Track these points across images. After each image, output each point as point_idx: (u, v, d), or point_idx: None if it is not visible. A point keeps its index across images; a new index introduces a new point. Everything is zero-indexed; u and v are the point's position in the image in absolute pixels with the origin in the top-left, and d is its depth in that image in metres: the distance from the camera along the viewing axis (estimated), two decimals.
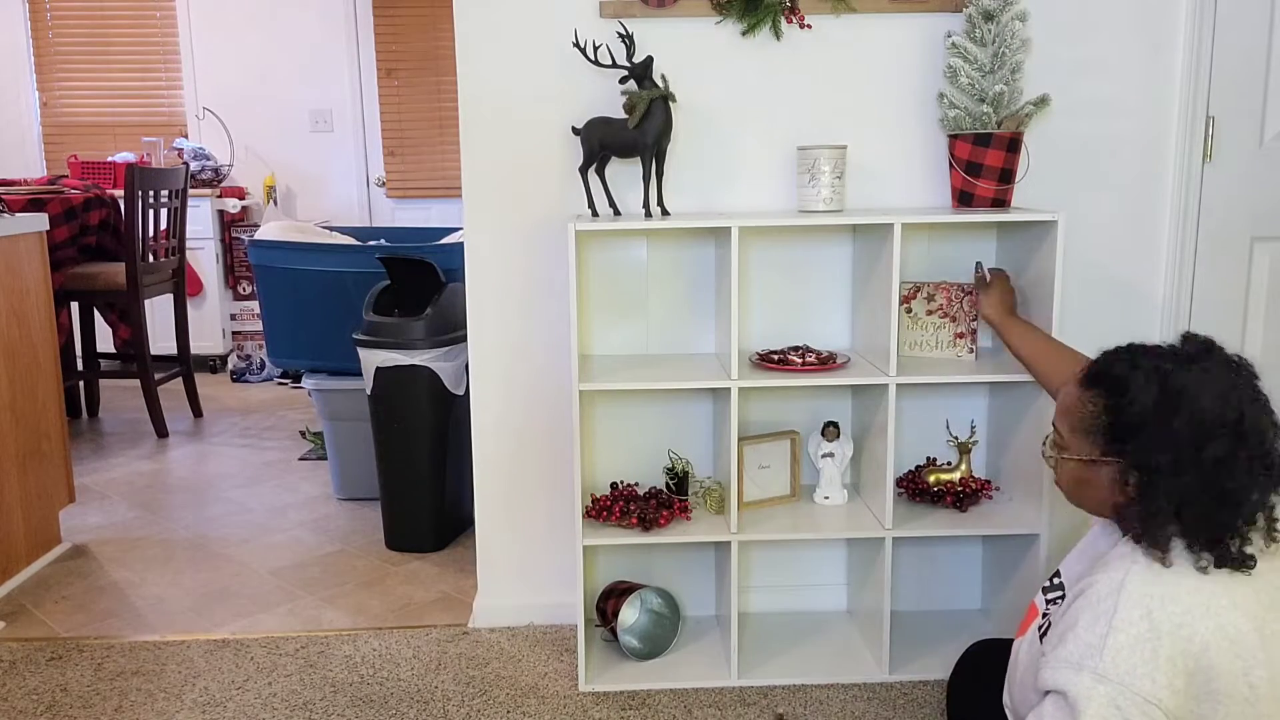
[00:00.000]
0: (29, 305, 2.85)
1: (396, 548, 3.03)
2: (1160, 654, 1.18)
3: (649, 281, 2.40)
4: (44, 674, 2.33)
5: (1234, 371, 1.28)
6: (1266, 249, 2.47)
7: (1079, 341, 2.49)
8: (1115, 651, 1.18)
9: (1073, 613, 1.27)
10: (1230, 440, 1.23)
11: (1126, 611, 1.20)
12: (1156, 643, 1.18)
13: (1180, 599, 1.20)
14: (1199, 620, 1.19)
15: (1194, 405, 1.24)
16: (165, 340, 4.87)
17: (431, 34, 5.71)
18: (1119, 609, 1.21)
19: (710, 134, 2.35)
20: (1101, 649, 1.19)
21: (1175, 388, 1.25)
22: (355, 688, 2.25)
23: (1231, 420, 1.23)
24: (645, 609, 2.42)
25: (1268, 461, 1.24)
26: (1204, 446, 1.23)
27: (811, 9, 2.29)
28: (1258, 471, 1.23)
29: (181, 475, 3.79)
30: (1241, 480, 1.23)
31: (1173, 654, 1.18)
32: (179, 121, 5.81)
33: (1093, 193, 2.42)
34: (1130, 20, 2.35)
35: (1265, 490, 1.25)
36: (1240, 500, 1.23)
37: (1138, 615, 1.20)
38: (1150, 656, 1.18)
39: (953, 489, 2.31)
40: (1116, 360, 1.35)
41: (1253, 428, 1.24)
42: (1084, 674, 1.19)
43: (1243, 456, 1.23)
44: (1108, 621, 1.20)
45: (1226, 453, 1.22)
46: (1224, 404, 1.24)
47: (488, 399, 2.46)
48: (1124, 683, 1.17)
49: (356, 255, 3.46)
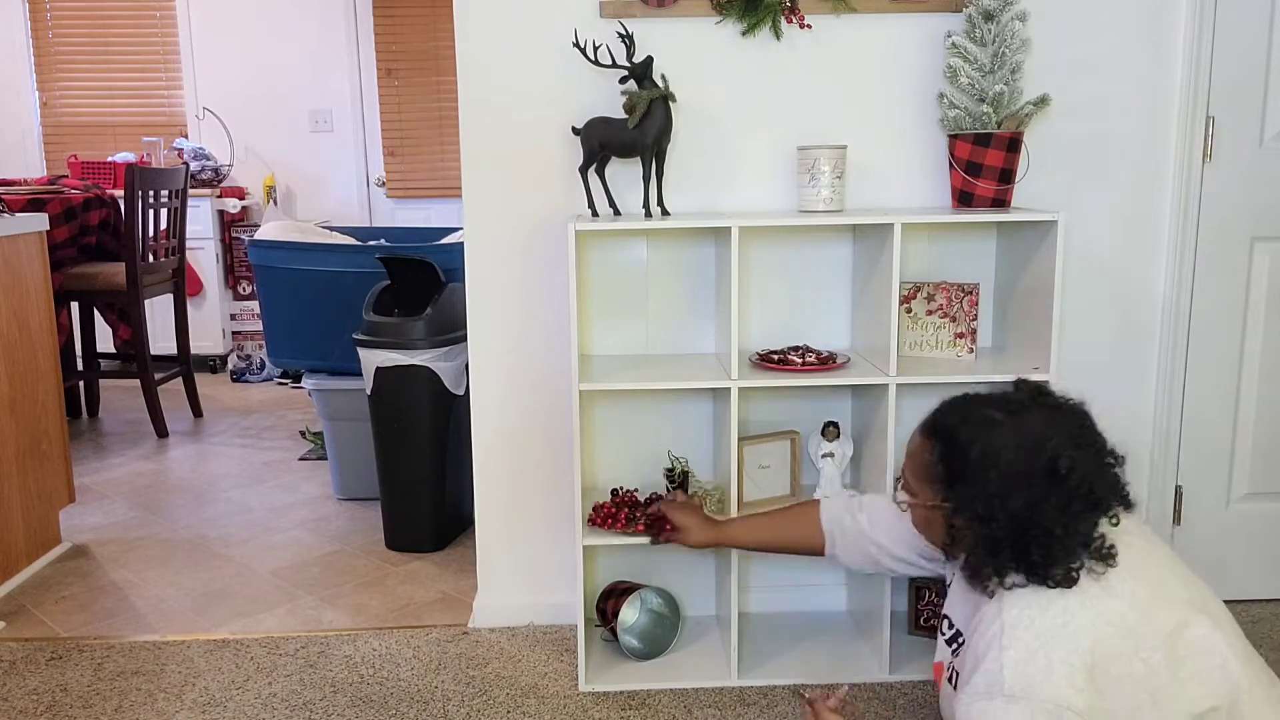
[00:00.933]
0: (29, 305, 2.85)
1: (396, 548, 3.03)
2: (1054, 658, 1.23)
3: (649, 281, 2.40)
4: (44, 674, 2.33)
5: (1051, 421, 1.37)
6: (1266, 249, 2.47)
7: (1079, 341, 2.49)
8: (1013, 668, 1.24)
9: (972, 651, 1.33)
10: (1040, 487, 1.31)
11: (1012, 630, 1.27)
12: (1047, 648, 1.24)
13: (1055, 600, 1.27)
14: (1077, 615, 1.26)
15: (1000, 459, 1.33)
16: (165, 340, 4.87)
17: (431, 34, 5.71)
18: (1004, 629, 1.27)
19: (710, 134, 2.35)
20: (1001, 671, 1.24)
21: (992, 443, 1.35)
22: (355, 688, 2.25)
23: (1040, 469, 1.31)
24: (645, 609, 2.42)
25: (1091, 499, 1.32)
26: (1009, 495, 1.31)
27: (811, 9, 2.29)
28: (1077, 509, 1.31)
29: (181, 475, 3.80)
30: (1052, 520, 1.29)
31: (1065, 653, 1.23)
32: (179, 121, 5.81)
33: (1093, 192, 2.42)
34: (1130, 20, 2.35)
35: (1087, 522, 1.31)
36: (1051, 538, 1.29)
37: (1022, 629, 1.26)
38: (1045, 664, 1.23)
39: None
40: (951, 411, 1.46)
41: (1069, 470, 1.31)
42: (994, 700, 1.24)
43: (1053, 500, 1.30)
44: (999, 644, 1.27)
45: (1032, 499, 1.30)
46: (1033, 455, 1.32)
47: (488, 399, 2.46)
48: (1030, 696, 1.22)
49: (356, 255, 3.46)
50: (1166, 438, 2.52)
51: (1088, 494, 1.32)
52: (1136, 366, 2.51)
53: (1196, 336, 2.49)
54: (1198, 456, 2.55)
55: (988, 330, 2.43)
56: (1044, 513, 1.30)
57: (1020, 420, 1.37)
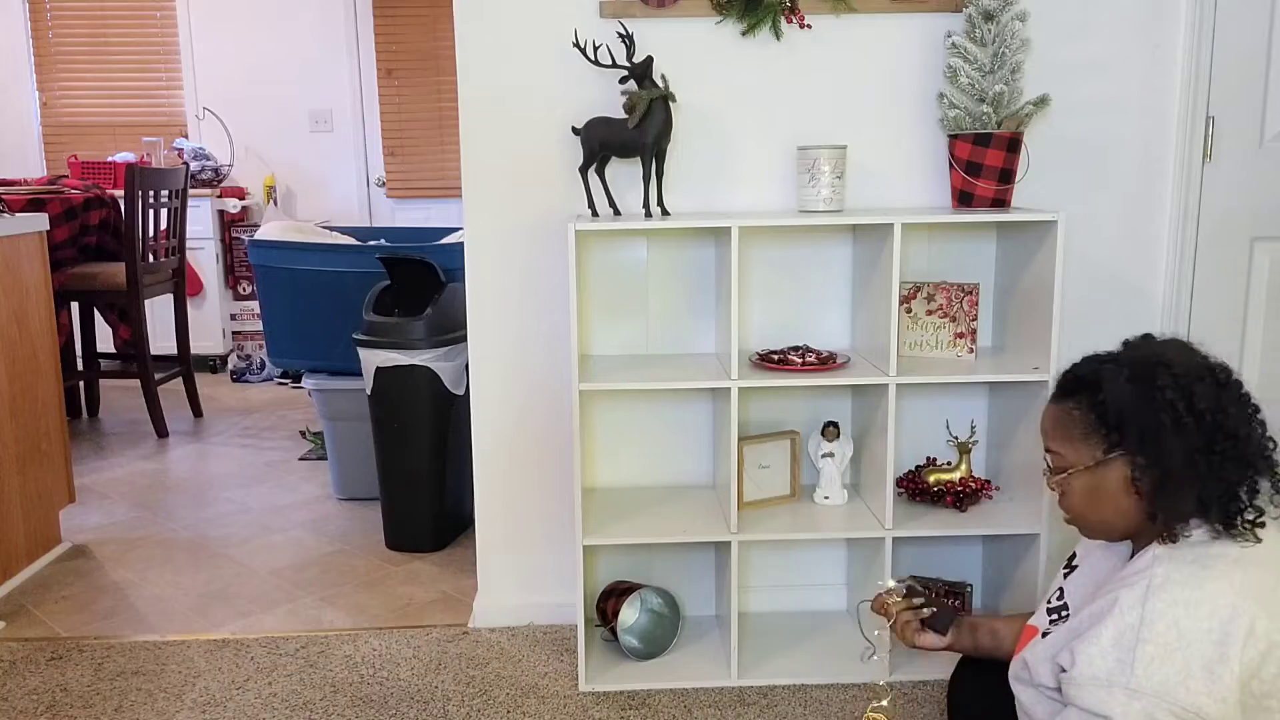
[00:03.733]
0: (29, 305, 2.85)
1: (396, 548, 3.03)
2: (1193, 661, 1.16)
3: (649, 281, 2.40)
4: (44, 674, 2.33)
5: (1178, 342, 1.36)
6: (1266, 249, 2.47)
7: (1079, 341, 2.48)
8: (1146, 664, 1.17)
9: (1094, 631, 1.26)
10: (1213, 385, 1.27)
11: (1153, 623, 1.20)
12: (1188, 650, 1.17)
13: (1204, 603, 1.19)
14: (1229, 623, 1.18)
15: (1167, 366, 1.29)
16: (165, 340, 4.86)
17: (431, 34, 5.71)
18: (1144, 621, 1.20)
19: (710, 134, 2.35)
20: (1132, 664, 1.18)
21: (1143, 359, 1.31)
22: (355, 688, 2.25)
23: (1206, 368, 1.29)
24: (645, 609, 2.42)
25: (1252, 405, 1.28)
26: (1192, 396, 1.26)
27: (811, 9, 2.29)
28: (1249, 412, 1.27)
29: (181, 475, 3.79)
30: (1239, 420, 1.26)
31: (1208, 660, 1.16)
32: (179, 121, 5.81)
33: (1093, 192, 2.42)
34: (1130, 20, 2.35)
35: (1263, 436, 1.27)
36: (1244, 442, 1.25)
37: (1164, 626, 1.19)
38: (1183, 664, 1.16)
39: (953, 489, 2.31)
40: (1078, 368, 1.41)
41: (1224, 374, 1.29)
42: (1115, 691, 1.19)
43: (1229, 399, 1.27)
44: (1135, 634, 1.20)
45: (1214, 397, 1.26)
46: (1190, 356, 1.30)
47: (488, 399, 2.46)
48: (1159, 694, 1.16)
49: (356, 255, 3.46)
50: None
51: (1247, 398, 1.27)
52: None
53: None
54: None
55: (988, 330, 2.43)
56: (1226, 411, 1.25)
57: (1152, 347, 1.35)
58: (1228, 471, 1.24)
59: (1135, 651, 1.18)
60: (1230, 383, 1.28)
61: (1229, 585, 1.20)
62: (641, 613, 2.42)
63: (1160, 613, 1.20)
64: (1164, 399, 1.27)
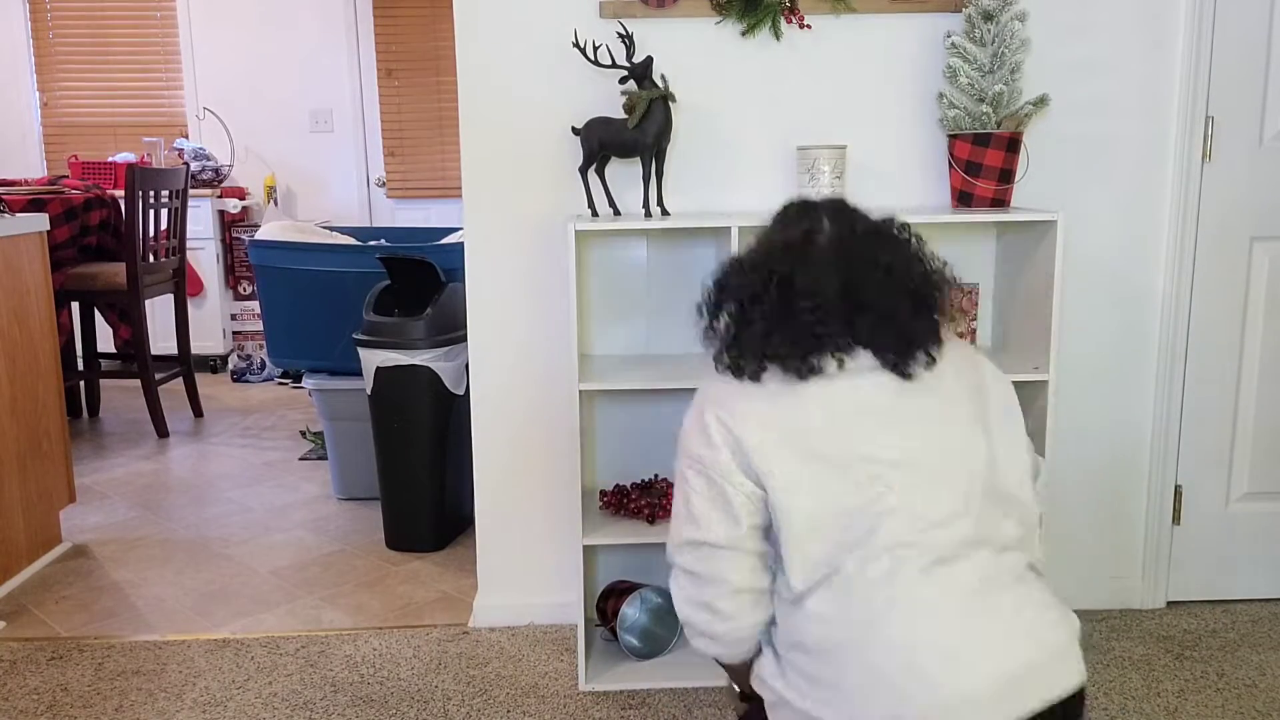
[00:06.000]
0: (29, 305, 2.85)
1: (396, 548, 3.03)
2: (710, 435, 1.32)
3: (649, 281, 2.41)
4: (44, 674, 2.33)
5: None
6: (1266, 249, 2.47)
7: (1079, 341, 2.49)
8: (685, 436, 1.37)
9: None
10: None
11: (694, 411, 1.37)
12: (705, 429, 1.33)
13: (726, 403, 1.33)
14: (737, 425, 1.31)
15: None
16: (165, 340, 4.86)
17: (431, 34, 5.71)
18: (691, 409, 1.38)
19: (710, 134, 2.35)
20: (681, 437, 1.37)
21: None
22: (355, 687, 2.25)
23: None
24: (645, 608, 2.42)
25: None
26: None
27: (811, 9, 2.29)
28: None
29: (181, 475, 3.80)
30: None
31: (718, 440, 1.31)
32: (179, 121, 5.81)
33: (1093, 193, 2.42)
34: (1130, 20, 2.35)
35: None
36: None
37: (694, 411, 1.37)
38: (700, 432, 1.33)
39: None
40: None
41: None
42: (679, 460, 1.37)
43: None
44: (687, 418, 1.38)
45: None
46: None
47: (488, 399, 2.46)
48: (687, 452, 1.35)
49: (356, 255, 3.46)
50: (1166, 437, 2.52)
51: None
52: (1136, 366, 2.51)
53: (1196, 336, 2.49)
54: (1197, 456, 2.55)
55: (987, 330, 2.43)
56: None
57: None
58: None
59: (683, 427, 1.37)
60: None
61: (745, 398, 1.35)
62: (642, 612, 2.42)
63: (699, 404, 1.37)
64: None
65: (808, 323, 1.29)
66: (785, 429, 1.28)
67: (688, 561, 1.33)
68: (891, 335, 1.30)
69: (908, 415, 1.29)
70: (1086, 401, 2.51)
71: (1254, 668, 2.31)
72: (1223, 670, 2.30)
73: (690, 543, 1.33)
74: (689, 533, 1.33)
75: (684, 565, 1.34)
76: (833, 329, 1.29)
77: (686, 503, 1.33)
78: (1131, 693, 2.21)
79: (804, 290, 1.30)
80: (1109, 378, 2.51)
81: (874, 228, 1.39)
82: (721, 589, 1.31)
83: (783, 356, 1.29)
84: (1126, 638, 2.45)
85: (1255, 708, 2.16)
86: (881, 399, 1.29)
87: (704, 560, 1.31)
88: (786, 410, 1.29)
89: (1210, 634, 2.46)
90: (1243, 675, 2.28)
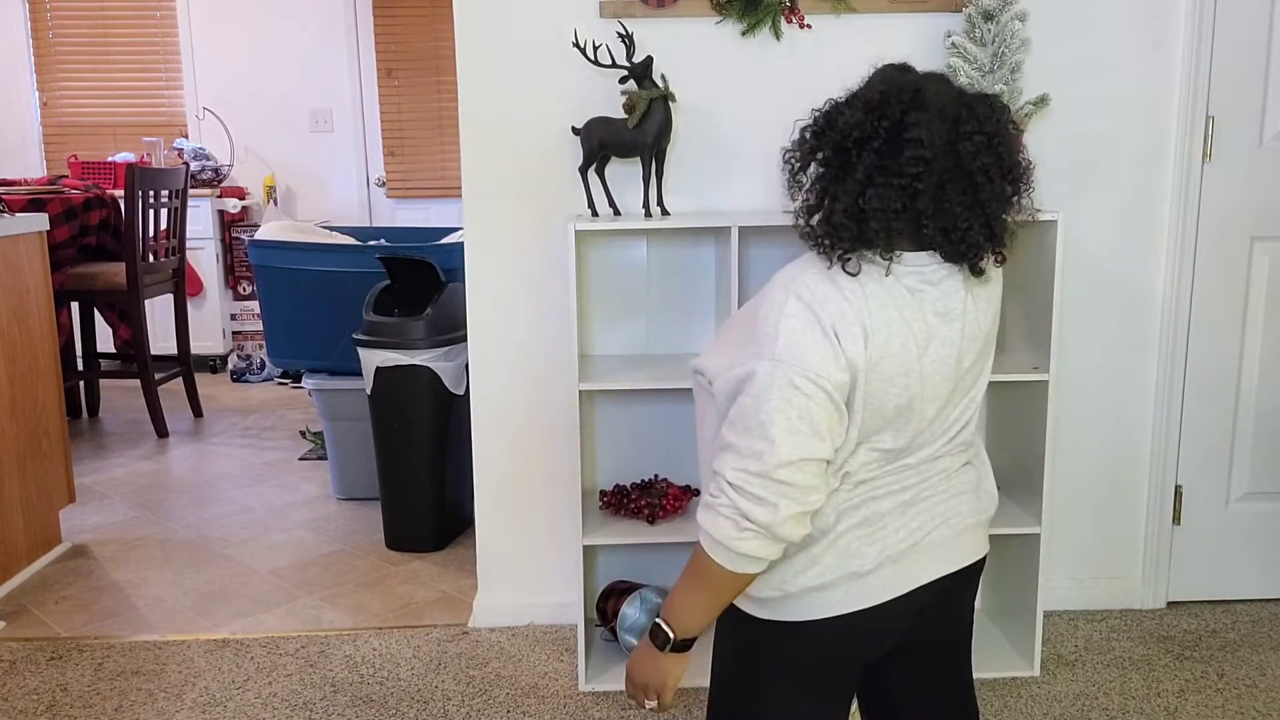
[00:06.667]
0: (29, 305, 2.85)
1: (396, 548, 3.03)
2: (820, 340, 1.23)
3: (649, 281, 2.40)
4: (44, 674, 2.33)
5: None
6: (1266, 249, 2.47)
7: (1079, 341, 2.49)
8: (788, 335, 1.24)
9: (745, 327, 1.32)
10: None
11: (794, 305, 1.26)
12: (818, 327, 1.24)
13: (834, 299, 1.25)
14: (852, 319, 1.24)
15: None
16: (165, 340, 4.86)
17: (431, 34, 5.71)
18: (788, 302, 1.26)
19: (710, 134, 2.35)
20: (776, 337, 1.24)
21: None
22: (355, 687, 2.25)
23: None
24: (645, 608, 2.42)
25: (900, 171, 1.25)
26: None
27: (811, 9, 2.29)
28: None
29: (181, 475, 3.80)
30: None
31: (834, 343, 1.24)
32: (179, 121, 5.81)
33: (1093, 192, 2.42)
34: (1130, 20, 2.35)
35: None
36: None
37: (800, 308, 1.25)
38: (815, 338, 1.23)
39: None
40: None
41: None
42: (763, 361, 1.24)
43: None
44: (780, 312, 1.26)
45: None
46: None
47: (488, 399, 2.46)
48: (795, 361, 1.23)
49: (356, 255, 3.46)
50: (1166, 437, 2.52)
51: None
52: (1136, 366, 2.51)
53: (1196, 336, 2.49)
54: (1197, 456, 2.55)
55: None
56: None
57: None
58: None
59: (779, 325, 1.25)
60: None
61: (858, 291, 1.27)
62: (642, 612, 2.42)
63: (799, 299, 1.26)
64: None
65: (909, 176, 1.21)
66: (890, 345, 1.25)
67: (796, 477, 1.23)
68: (980, 217, 1.25)
69: (975, 332, 1.35)
70: (1086, 401, 2.51)
71: (1254, 668, 2.31)
72: (1223, 670, 2.30)
73: (807, 459, 1.23)
74: (814, 448, 1.23)
75: (790, 480, 1.23)
76: (924, 194, 1.22)
77: (808, 418, 1.22)
78: (1132, 693, 2.21)
79: (914, 138, 1.22)
80: (1109, 378, 2.51)
81: (981, 95, 1.30)
82: (813, 498, 1.26)
83: (866, 217, 1.23)
84: (1127, 638, 2.45)
85: (1255, 708, 2.16)
86: (957, 307, 1.32)
87: (815, 474, 1.25)
88: (891, 321, 1.26)
89: (1210, 634, 2.46)
90: (1243, 675, 2.28)
